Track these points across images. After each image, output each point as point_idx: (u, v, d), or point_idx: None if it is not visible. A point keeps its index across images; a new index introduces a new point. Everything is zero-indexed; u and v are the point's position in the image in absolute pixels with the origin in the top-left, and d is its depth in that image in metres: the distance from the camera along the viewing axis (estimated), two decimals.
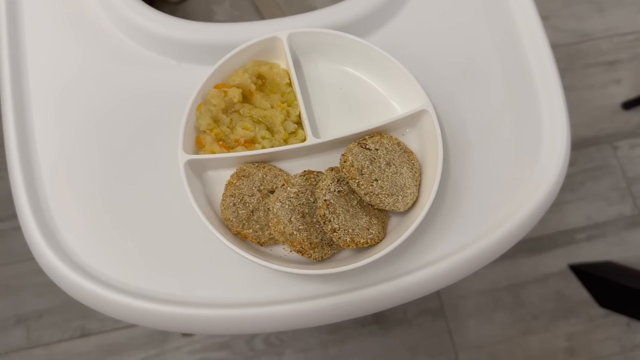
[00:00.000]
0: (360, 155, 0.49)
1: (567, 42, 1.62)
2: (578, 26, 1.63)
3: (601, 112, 1.55)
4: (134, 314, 0.49)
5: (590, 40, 1.62)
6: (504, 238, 0.52)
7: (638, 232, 1.45)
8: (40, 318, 1.28)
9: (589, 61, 1.60)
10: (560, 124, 0.55)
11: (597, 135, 1.53)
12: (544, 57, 0.57)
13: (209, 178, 0.53)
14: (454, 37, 0.59)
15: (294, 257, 0.50)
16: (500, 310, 1.37)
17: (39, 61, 0.57)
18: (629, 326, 1.37)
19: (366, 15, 0.57)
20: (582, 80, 1.58)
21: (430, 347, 1.32)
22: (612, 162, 1.51)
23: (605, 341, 1.36)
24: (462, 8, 0.60)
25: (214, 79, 0.52)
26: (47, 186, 0.52)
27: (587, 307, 1.38)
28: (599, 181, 1.49)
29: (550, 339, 1.35)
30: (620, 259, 1.42)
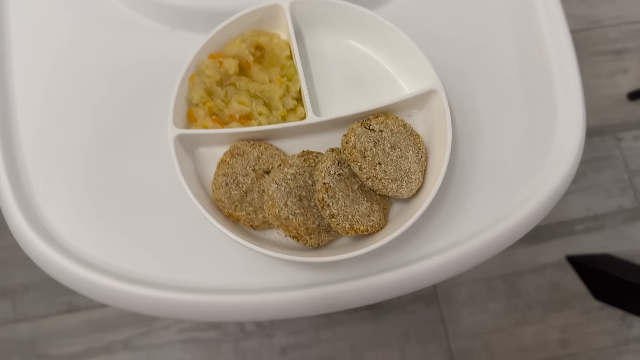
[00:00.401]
0: (364, 137, 0.46)
1: (575, 28, 1.57)
2: (587, 12, 1.59)
3: (606, 102, 1.52)
4: (117, 297, 0.46)
5: (599, 27, 1.59)
6: (512, 229, 0.49)
7: (637, 226, 1.43)
8: (27, 292, 1.25)
9: (597, 49, 1.57)
10: (576, 109, 0.52)
11: (601, 125, 1.50)
12: (560, 32, 0.54)
13: (201, 155, 0.49)
14: (469, 12, 0.56)
15: (289, 243, 0.47)
16: (495, 299, 1.35)
17: (22, 25, 0.53)
18: (623, 320, 1.35)
19: None
20: (589, 68, 1.55)
21: (423, 334, 1.31)
22: (615, 154, 1.48)
23: (599, 334, 1.34)
24: None
25: (209, 47, 0.49)
26: (27, 159, 0.49)
27: (582, 299, 1.36)
28: (601, 172, 1.47)
29: (544, 330, 1.34)
30: (618, 252, 1.40)
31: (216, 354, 1.24)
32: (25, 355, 1.23)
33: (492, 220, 0.49)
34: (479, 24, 0.55)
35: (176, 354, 1.24)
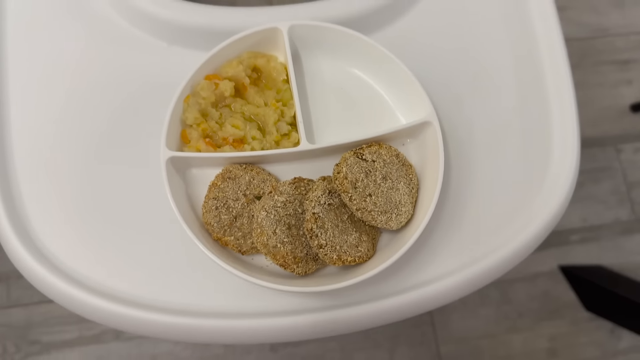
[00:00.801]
0: (356, 167, 0.46)
1: (581, 36, 1.56)
2: (595, 20, 1.58)
3: (608, 113, 1.51)
4: (101, 314, 0.46)
5: (606, 36, 1.57)
6: (499, 264, 0.49)
7: (633, 238, 1.43)
8: (21, 278, 1.25)
9: (602, 58, 1.55)
10: (571, 143, 0.52)
11: (601, 136, 1.50)
12: (560, 66, 0.54)
13: (193, 176, 0.49)
14: (468, 39, 0.55)
15: (276, 269, 0.47)
16: (486, 305, 1.36)
17: (19, 36, 0.52)
18: (612, 332, 1.36)
19: (377, 9, 0.53)
20: (593, 77, 1.54)
21: (412, 337, 1.32)
22: (614, 165, 1.48)
23: (588, 345, 1.35)
24: (479, 10, 0.56)
25: (206, 68, 0.48)
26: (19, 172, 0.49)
27: (573, 309, 1.37)
28: (599, 183, 1.46)
29: (533, 339, 1.35)
30: (612, 264, 1.40)
31: (206, 348, 1.25)
32: (17, 341, 1.24)
33: (480, 254, 0.49)
34: (479, 50, 0.55)
35: (166, 345, 1.25)
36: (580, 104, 1.56)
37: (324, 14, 0.51)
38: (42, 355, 1.23)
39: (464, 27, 0.55)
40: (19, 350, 1.23)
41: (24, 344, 1.24)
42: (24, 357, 1.23)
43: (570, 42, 1.55)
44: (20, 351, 1.23)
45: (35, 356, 1.23)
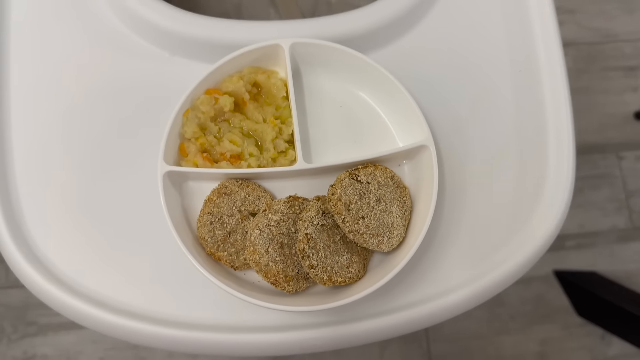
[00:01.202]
0: (350, 189, 0.46)
1: (589, 40, 1.55)
2: (603, 25, 1.57)
3: (612, 119, 1.51)
4: (89, 321, 0.47)
5: (614, 41, 1.56)
6: (487, 288, 0.50)
7: (628, 247, 1.44)
8: None
9: (609, 64, 1.54)
10: (565, 175, 0.52)
11: (604, 142, 1.49)
12: (560, 96, 0.53)
13: (189, 188, 0.50)
14: (469, 61, 0.55)
15: (268, 285, 0.48)
16: (479, 306, 1.36)
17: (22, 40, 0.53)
18: (603, 338, 1.37)
19: (380, 27, 0.53)
20: (598, 83, 1.53)
21: (403, 335, 1.33)
22: (614, 172, 1.48)
23: (578, 350, 1.37)
24: (483, 32, 0.56)
25: (206, 82, 0.49)
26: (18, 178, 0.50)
27: (565, 314, 1.38)
28: (598, 190, 1.47)
29: (524, 342, 1.36)
30: (606, 271, 1.41)
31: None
32: (14, 321, 1.25)
33: (468, 278, 0.50)
34: (479, 74, 0.55)
35: None
36: (584, 110, 1.55)
37: (326, 31, 0.51)
38: (39, 337, 1.25)
39: (466, 49, 0.55)
40: (16, 330, 1.25)
41: (21, 325, 1.25)
42: (20, 337, 1.25)
43: (578, 46, 1.55)
44: (17, 332, 1.25)
45: (32, 337, 1.25)
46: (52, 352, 1.23)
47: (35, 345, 1.24)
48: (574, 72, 1.53)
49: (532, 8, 0.56)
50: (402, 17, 0.53)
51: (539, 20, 0.55)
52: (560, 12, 1.55)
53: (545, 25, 0.55)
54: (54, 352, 1.23)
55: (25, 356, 1.23)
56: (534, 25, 0.55)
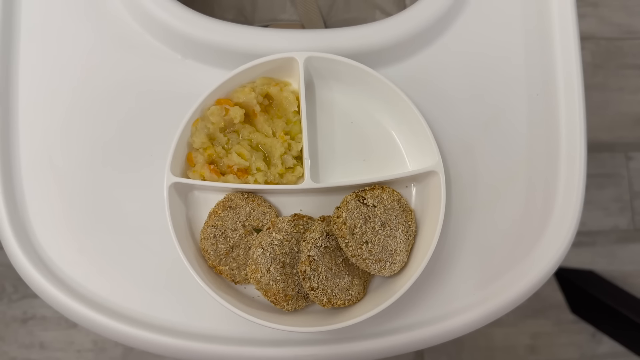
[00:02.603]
0: (356, 212, 0.46)
1: (609, 36, 1.52)
2: (625, 21, 1.53)
3: (624, 119, 1.49)
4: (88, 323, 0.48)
5: (635, 38, 1.53)
6: (486, 315, 0.50)
7: (628, 248, 1.44)
8: None
9: (627, 61, 1.52)
10: (573, 206, 0.52)
11: (613, 141, 1.48)
12: (576, 126, 0.52)
13: (195, 198, 0.50)
14: (485, 83, 0.54)
15: (267, 301, 0.48)
16: None
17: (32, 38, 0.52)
18: (593, 336, 1.39)
19: (396, 43, 0.51)
20: (614, 80, 1.51)
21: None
22: (621, 172, 1.47)
23: (568, 346, 1.39)
24: (500, 53, 0.54)
25: (218, 92, 0.48)
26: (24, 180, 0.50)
27: (558, 310, 1.40)
28: (604, 189, 1.46)
29: (515, 335, 1.38)
30: (603, 271, 1.42)
31: None
32: (15, 282, 1.27)
33: (468, 304, 0.50)
34: (494, 97, 0.54)
35: None
36: (597, 107, 1.53)
37: (342, 43, 0.50)
38: (38, 298, 1.26)
39: (482, 70, 0.54)
40: (17, 290, 1.27)
41: (22, 286, 1.27)
42: (21, 297, 1.27)
43: (597, 41, 1.52)
44: (18, 292, 1.27)
45: (32, 298, 1.27)
46: (51, 314, 1.26)
47: (35, 306, 1.26)
48: (591, 67, 1.50)
49: (555, 31, 0.54)
50: (420, 33, 0.51)
51: (561, 45, 0.54)
52: (583, 4, 1.52)
53: (567, 51, 0.53)
54: (53, 314, 1.26)
55: (25, 316, 1.26)
56: (555, 50, 0.54)
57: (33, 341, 1.25)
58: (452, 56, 0.54)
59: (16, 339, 1.25)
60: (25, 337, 1.25)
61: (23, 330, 1.25)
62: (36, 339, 1.25)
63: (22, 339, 1.25)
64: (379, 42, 0.51)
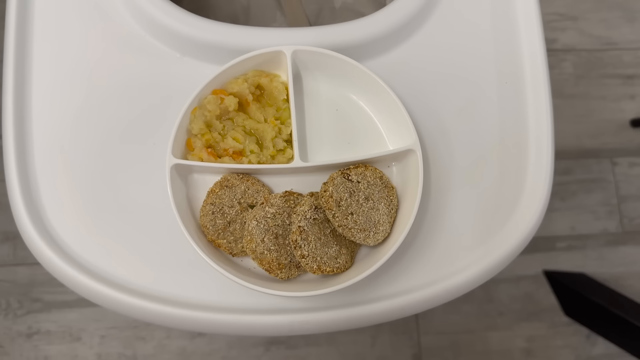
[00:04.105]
0: (341, 187, 0.51)
1: (589, 47, 1.58)
2: (604, 33, 1.60)
3: (608, 125, 1.54)
4: (106, 300, 0.52)
5: (614, 49, 1.59)
6: (464, 283, 0.54)
7: (617, 250, 1.47)
8: None
9: (608, 71, 1.58)
10: (543, 180, 0.56)
11: (599, 147, 1.53)
12: (542, 109, 0.57)
13: (194, 180, 0.54)
14: (459, 72, 0.59)
15: (262, 271, 0.52)
16: (469, 302, 1.41)
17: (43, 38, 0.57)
18: (588, 338, 1.41)
19: (377, 37, 0.57)
20: (596, 90, 1.56)
21: (395, 325, 1.37)
22: (608, 177, 1.51)
23: (563, 348, 1.41)
24: (472, 45, 0.59)
25: (214, 83, 0.53)
26: (37, 167, 0.54)
27: (552, 313, 1.42)
28: (591, 194, 1.50)
29: (511, 338, 1.40)
30: (594, 274, 1.45)
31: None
32: (20, 297, 1.30)
33: (447, 273, 0.54)
34: (466, 86, 0.59)
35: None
36: (581, 115, 1.58)
37: (326, 39, 0.55)
38: (43, 313, 1.29)
39: (456, 61, 0.59)
40: (22, 306, 1.29)
41: (27, 301, 1.30)
42: (25, 313, 1.29)
43: (578, 53, 1.58)
44: (23, 307, 1.29)
45: (37, 313, 1.29)
46: (55, 329, 1.28)
47: (40, 321, 1.29)
48: (574, 77, 1.56)
49: (521, 25, 0.59)
50: (397, 30, 0.57)
51: (527, 36, 0.59)
52: (563, 19, 1.59)
53: (532, 41, 0.59)
54: (57, 328, 1.28)
55: (30, 331, 1.28)
56: (521, 41, 0.59)
57: (38, 355, 1.27)
58: (427, 50, 0.59)
59: (21, 353, 1.27)
60: (30, 351, 1.28)
61: (28, 345, 1.28)
62: (41, 353, 1.27)
63: (27, 353, 1.27)
64: (359, 38, 0.56)
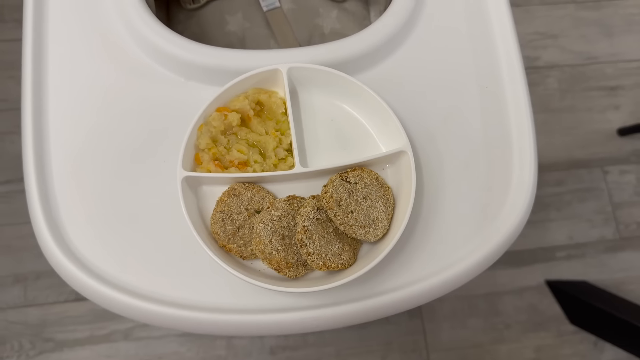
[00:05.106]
0: (340, 188, 0.55)
1: (572, 63, 1.65)
2: (585, 48, 1.66)
3: (596, 136, 1.59)
4: (125, 309, 0.55)
5: (596, 63, 1.65)
6: (461, 274, 0.58)
7: (616, 256, 1.50)
8: (38, 279, 1.34)
9: (591, 84, 1.64)
10: (527, 178, 0.60)
11: (589, 158, 1.57)
12: (522, 112, 0.62)
13: (203, 192, 0.58)
14: (442, 82, 0.64)
15: (272, 272, 0.56)
16: (475, 316, 1.43)
17: (59, 68, 0.62)
18: (595, 345, 1.42)
19: (363, 54, 0.61)
20: (582, 102, 1.62)
21: (404, 344, 1.39)
22: (600, 186, 1.55)
23: (571, 357, 1.42)
24: (453, 56, 0.65)
25: (217, 102, 0.58)
26: (56, 185, 0.58)
27: (558, 322, 1.44)
28: (586, 203, 1.54)
29: (519, 349, 1.42)
30: (596, 280, 1.47)
31: (210, 349, 1.33)
32: (33, 338, 1.32)
33: (444, 266, 0.58)
34: (450, 93, 0.63)
35: (173, 346, 1.32)
36: (570, 127, 1.63)
37: (318, 57, 0.60)
38: (55, 353, 1.31)
39: (438, 70, 0.64)
40: (34, 347, 1.31)
41: (39, 341, 1.31)
42: (38, 353, 1.31)
43: (561, 69, 1.64)
44: (35, 348, 1.31)
45: (49, 353, 1.31)
46: None
47: None
48: (559, 92, 1.62)
49: (497, 34, 0.65)
50: (380, 46, 0.62)
51: (502, 43, 0.64)
52: (544, 37, 1.66)
53: (508, 47, 0.64)
54: None
55: None
56: (498, 48, 0.64)
57: None
58: (411, 63, 0.64)
59: None
60: None
61: None
62: None
63: None
64: (346, 55, 0.61)
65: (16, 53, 1.56)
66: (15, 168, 1.41)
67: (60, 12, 0.64)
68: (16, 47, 1.48)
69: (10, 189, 1.40)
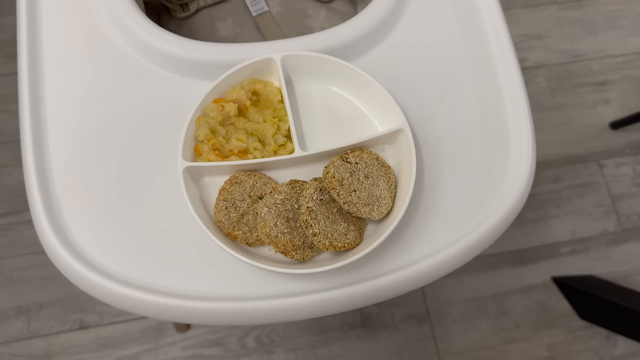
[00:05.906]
0: (342, 168, 0.55)
1: (559, 62, 1.67)
2: (570, 47, 1.69)
3: (589, 131, 1.61)
4: (135, 304, 0.54)
5: (582, 60, 1.68)
6: (468, 249, 0.57)
7: (620, 248, 1.50)
8: (41, 310, 1.33)
9: (580, 81, 1.66)
10: (526, 147, 0.60)
11: (584, 153, 1.58)
12: (514, 84, 0.63)
13: (205, 183, 0.58)
14: (435, 63, 0.65)
15: (279, 257, 0.55)
16: (484, 318, 1.42)
17: (55, 70, 0.62)
18: (607, 339, 1.41)
19: (355, 40, 0.62)
20: (572, 99, 1.64)
21: (415, 351, 1.37)
22: (598, 180, 1.56)
23: (584, 352, 1.40)
24: (443, 37, 0.66)
25: (213, 94, 0.58)
26: (57, 184, 0.58)
27: (568, 318, 1.43)
28: (585, 197, 1.54)
29: (531, 348, 1.40)
30: (602, 274, 1.47)
31: None
32: None
33: (450, 241, 0.57)
34: (444, 74, 0.64)
35: None
36: (561, 124, 1.65)
37: (311, 46, 0.61)
38: None
39: (430, 52, 0.65)
40: None
41: None
42: None
43: (549, 68, 1.66)
44: None
45: None
46: None
47: None
48: (549, 90, 1.64)
49: (484, 14, 0.66)
50: (373, 30, 0.63)
51: (490, 23, 0.65)
52: (529, 38, 1.69)
53: (496, 26, 0.65)
54: None
55: None
56: (486, 28, 0.66)
57: None
58: (403, 46, 0.65)
59: None
60: None
61: None
62: None
63: None
64: (338, 42, 0.62)
65: (10, 87, 1.58)
66: (12, 200, 1.41)
67: (53, 14, 0.65)
68: (10, 81, 1.51)
69: (9, 221, 1.40)
